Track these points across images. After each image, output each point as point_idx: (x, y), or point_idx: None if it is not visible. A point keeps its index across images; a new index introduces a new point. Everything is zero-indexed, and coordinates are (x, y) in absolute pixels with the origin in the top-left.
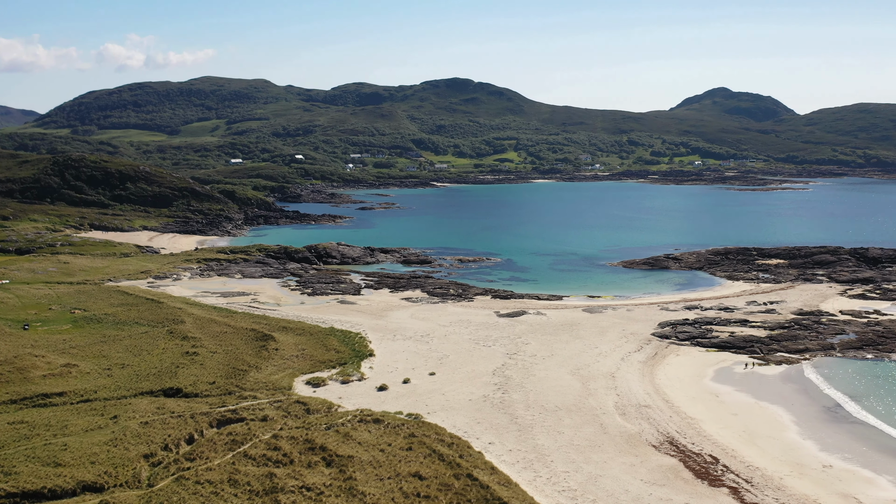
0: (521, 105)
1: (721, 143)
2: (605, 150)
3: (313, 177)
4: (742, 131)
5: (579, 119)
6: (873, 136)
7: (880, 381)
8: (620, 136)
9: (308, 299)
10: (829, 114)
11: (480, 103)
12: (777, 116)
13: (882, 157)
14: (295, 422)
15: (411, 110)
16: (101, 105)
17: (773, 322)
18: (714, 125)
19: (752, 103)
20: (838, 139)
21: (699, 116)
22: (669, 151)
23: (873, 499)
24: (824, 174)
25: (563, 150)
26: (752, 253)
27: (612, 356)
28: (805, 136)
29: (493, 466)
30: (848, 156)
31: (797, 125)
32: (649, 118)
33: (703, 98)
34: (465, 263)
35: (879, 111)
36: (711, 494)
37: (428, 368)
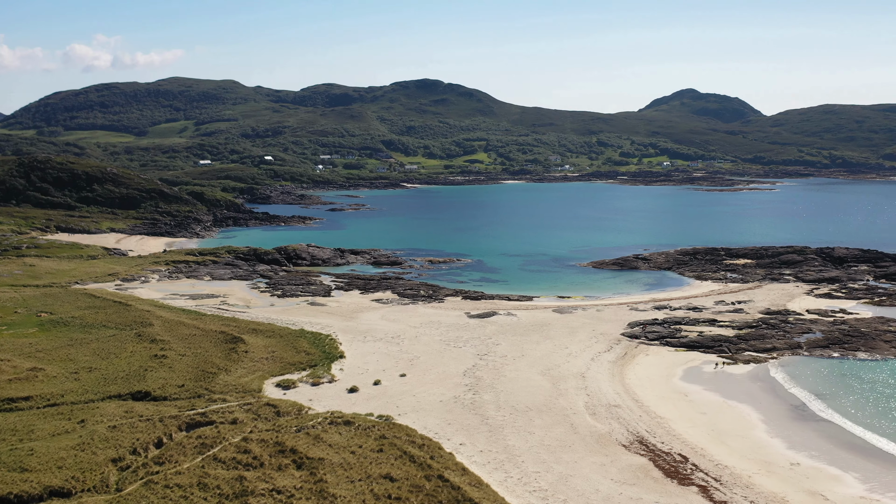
0: (491, 106)
1: (689, 144)
2: (574, 151)
3: (283, 178)
4: (710, 132)
5: (549, 120)
6: (838, 136)
7: (846, 380)
8: (590, 138)
9: (278, 301)
10: (795, 115)
11: (450, 104)
12: (744, 117)
13: (847, 158)
14: (265, 424)
15: (381, 111)
16: (68, 106)
17: (741, 321)
18: (682, 126)
19: (720, 104)
20: (804, 140)
21: (668, 118)
22: (638, 152)
23: (840, 496)
24: (791, 175)
25: (533, 151)
26: (721, 253)
27: (583, 356)
28: (772, 136)
29: (465, 467)
30: (814, 156)
31: (764, 126)
32: (618, 119)
33: (671, 99)
34: (435, 264)
35: (844, 112)
36: (681, 493)
37: (399, 370)
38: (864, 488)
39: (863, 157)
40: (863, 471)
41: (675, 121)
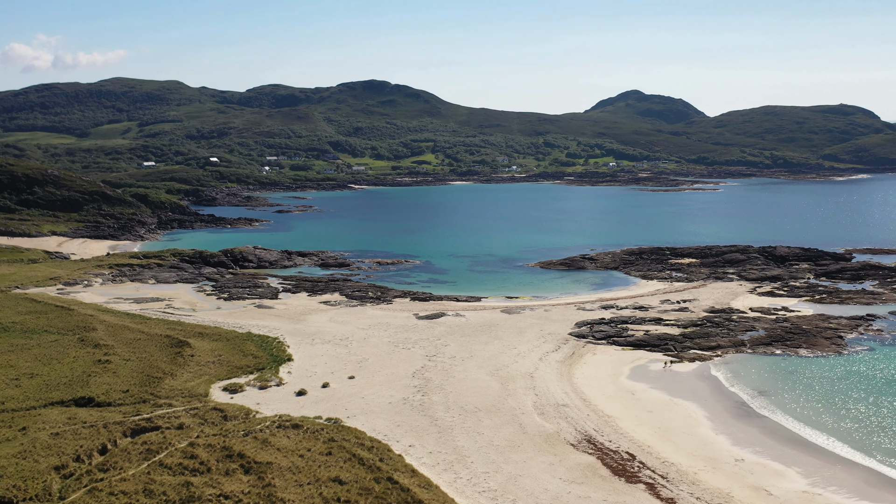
0: (439, 107)
1: (634, 145)
2: (521, 151)
3: (229, 179)
4: (655, 133)
5: (496, 121)
6: (779, 137)
7: (788, 377)
8: (537, 138)
9: (224, 304)
10: (737, 116)
11: (398, 105)
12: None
13: (788, 158)
14: (212, 429)
15: (328, 112)
16: (7, 107)
17: (686, 320)
18: (627, 127)
19: (664, 106)
20: (746, 141)
21: (613, 119)
22: (585, 153)
23: (783, 490)
24: (734, 175)
25: (481, 151)
26: (666, 252)
27: (531, 356)
28: (715, 137)
29: (414, 469)
30: (756, 157)
31: (707, 127)
32: (565, 120)
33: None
34: (383, 266)
35: (785, 113)
36: (629, 491)
37: (347, 372)
38: (807, 483)
39: (803, 158)
40: (805, 466)
41: (621, 122)
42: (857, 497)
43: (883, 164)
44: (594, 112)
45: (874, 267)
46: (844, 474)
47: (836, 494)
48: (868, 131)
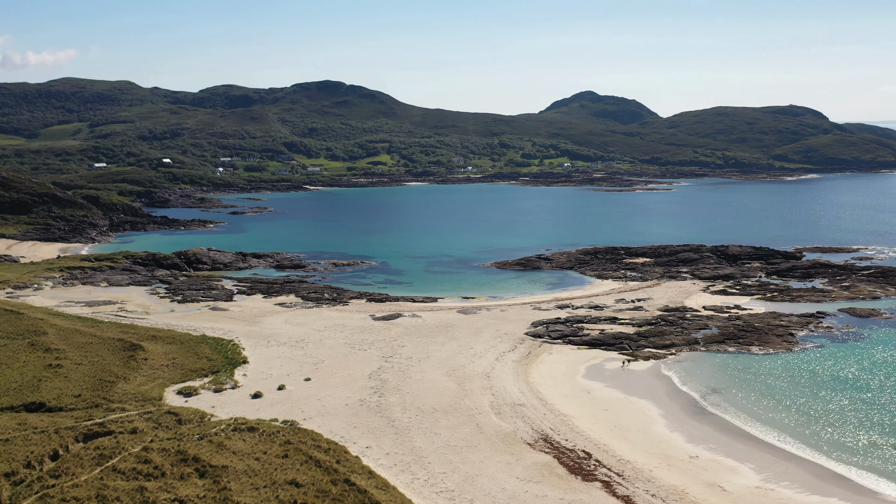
0: (394, 108)
1: (589, 146)
2: (477, 152)
3: (182, 181)
4: (609, 134)
5: (451, 122)
6: (731, 138)
7: (741, 374)
8: (492, 139)
9: (178, 307)
10: (689, 117)
11: (353, 106)
12: (641, 119)
13: (739, 159)
14: (166, 433)
15: (282, 113)
16: None
17: (640, 319)
18: (582, 128)
19: (618, 107)
20: (699, 141)
21: (568, 119)
22: (540, 153)
23: (736, 486)
24: (686, 175)
25: (436, 152)
26: (620, 252)
27: (487, 356)
28: (668, 138)
29: (371, 470)
30: (708, 157)
31: (660, 128)
32: (520, 121)
33: (571, 101)
34: (339, 267)
35: (736, 114)
36: (585, 489)
37: (303, 374)
38: (760, 478)
39: (754, 158)
40: (758, 461)
41: (575, 122)
42: (807, 491)
43: (831, 164)
44: (549, 113)
45: (824, 265)
46: (796, 469)
47: (788, 489)
48: (817, 132)
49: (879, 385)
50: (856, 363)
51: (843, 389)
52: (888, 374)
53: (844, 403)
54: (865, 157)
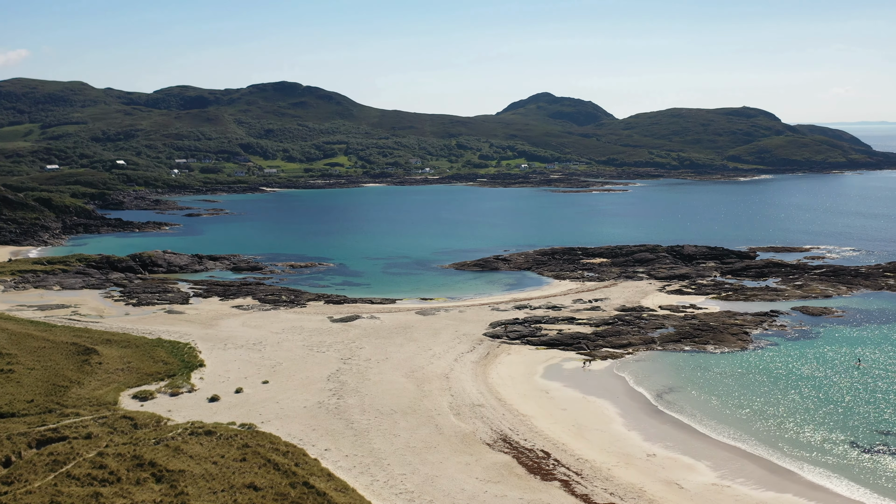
0: (351, 109)
1: (546, 147)
2: (434, 153)
3: (136, 183)
4: (565, 135)
5: (409, 123)
6: (686, 139)
7: (697, 372)
8: (449, 140)
9: (133, 310)
10: (645, 118)
11: (309, 107)
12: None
13: (694, 160)
14: (121, 438)
15: (238, 114)
16: None
17: (598, 319)
18: (539, 129)
19: (575, 108)
20: (654, 142)
21: (525, 121)
22: (497, 155)
23: (693, 483)
24: (642, 176)
25: (394, 154)
26: (578, 252)
27: (446, 357)
28: (624, 139)
29: (330, 473)
30: (663, 158)
31: (616, 129)
32: (477, 122)
33: (528, 103)
34: (297, 269)
35: (691, 116)
36: (544, 489)
37: (261, 377)
38: (716, 475)
39: (708, 159)
40: (714, 459)
41: (532, 124)
42: (762, 487)
43: (783, 165)
44: (506, 114)
45: (777, 265)
46: (751, 466)
47: (744, 486)
48: (770, 133)
49: (831, 382)
50: (809, 361)
51: (797, 387)
52: (840, 372)
53: (798, 400)
54: (817, 157)
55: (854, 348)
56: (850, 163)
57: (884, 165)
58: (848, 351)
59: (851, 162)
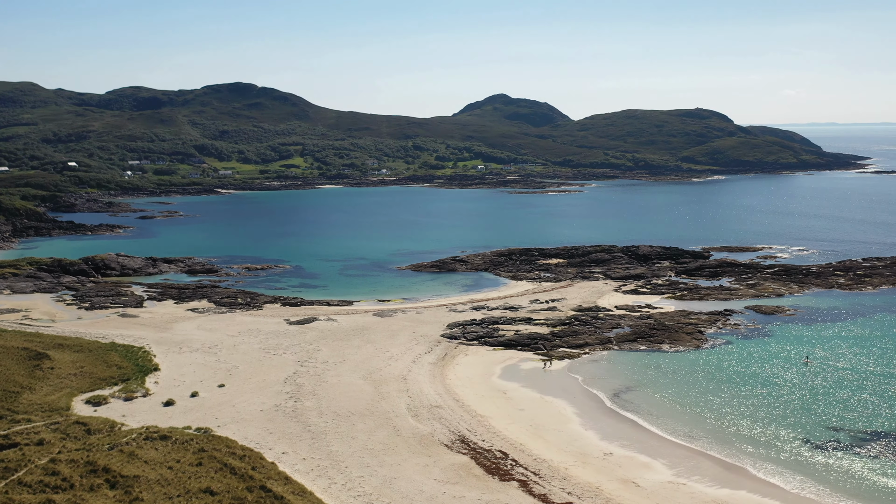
0: (307, 110)
1: (502, 148)
2: (391, 155)
3: (89, 185)
4: (521, 136)
5: (365, 124)
6: (640, 140)
7: (652, 371)
8: (406, 142)
9: (86, 314)
10: (600, 119)
11: (265, 108)
12: (553, 122)
13: (649, 161)
14: (74, 444)
15: (193, 115)
16: None
17: (554, 319)
18: (495, 130)
19: (531, 109)
20: (609, 143)
21: (481, 122)
22: (453, 156)
23: (650, 482)
24: (598, 177)
25: (350, 155)
26: (534, 253)
27: (404, 359)
28: (579, 140)
29: (288, 476)
30: (619, 159)
31: (572, 130)
32: (433, 124)
33: (484, 104)
34: (252, 271)
35: (645, 117)
36: (502, 489)
37: (217, 380)
38: (672, 473)
39: (663, 160)
40: (670, 457)
41: (489, 125)
42: (717, 484)
43: (736, 166)
44: (462, 115)
45: (730, 264)
46: (707, 463)
47: (699, 483)
48: (722, 134)
49: (784, 380)
50: (762, 359)
51: (751, 385)
52: (791, 370)
53: (752, 398)
54: (768, 158)
55: (805, 346)
56: (800, 163)
57: (833, 166)
58: (800, 349)
59: (802, 163)
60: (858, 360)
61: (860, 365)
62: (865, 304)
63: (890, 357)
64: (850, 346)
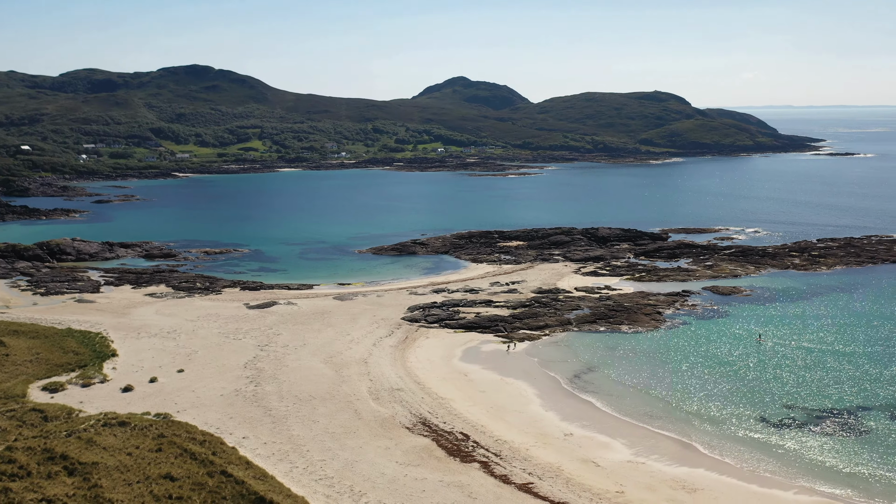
0: (265, 93)
1: (462, 131)
2: (350, 138)
3: (43, 169)
4: (481, 119)
5: (324, 107)
6: (599, 123)
7: (612, 352)
8: (365, 125)
9: (41, 299)
10: (559, 102)
11: (222, 91)
12: (513, 105)
13: (608, 143)
14: (31, 431)
15: (149, 98)
16: None
17: (515, 301)
18: (455, 113)
19: (490, 92)
20: (569, 126)
21: (440, 105)
22: (413, 139)
23: (609, 461)
24: (557, 159)
25: (309, 138)
26: (494, 236)
27: (364, 342)
28: (539, 123)
29: (248, 461)
30: (578, 142)
31: (531, 113)
32: (393, 106)
33: (443, 87)
34: (211, 255)
35: (604, 100)
36: (463, 470)
37: (176, 365)
38: (631, 453)
39: (622, 142)
40: (629, 437)
41: (448, 108)
42: (676, 463)
43: (694, 148)
44: (422, 98)
45: (688, 246)
46: (665, 442)
47: (658, 462)
48: (680, 117)
49: (739, 359)
50: (719, 339)
51: (708, 364)
52: (747, 349)
53: (709, 378)
54: (725, 141)
55: (762, 326)
56: (757, 146)
57: (789, 148)
58: (755, 329)
59: (758, 145)
60: (813, 339)
61: (815, 344)
62: (820, 284)
63: (843, 336)
64: (806, 325)
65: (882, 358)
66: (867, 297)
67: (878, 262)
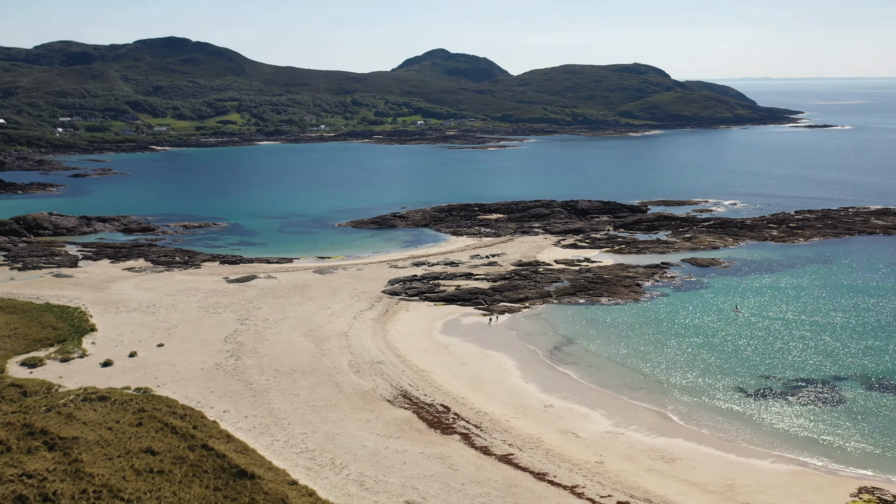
0: (243, 65)
1: (442, 104)
2: (329, 111)
3: (18, 143)
4: (461, 91)
5: (303, 80)
6: (579, 95)
7: (591, 324)
8: (344, 97)
9: (19, 274)
10: (539, 75)
11: (200, 63)
12: (493, 77)
13: (587, 116)
14: (10, 406)
15: (125, 71)
16: None
17: (495, 274)
18: (434, 86)
19: (470, 64)
20: (548, 99)
21: (420, 77)
22: (393, 112)
23: (588, 432)
24: (537, 132)
25: (288, 111)
26: (474, 208)
27: (345, 315)
28: (519, 95)
29: (230, 434)
30: (557, 114)
31: (511, 86)
32: (372, 79)
33: (423, 59)
34: (190, 229)
35: (584, 72)
36: (444, 442)
37: (156, 340)
38: (610, 423)
39: (601, 115)
40: (608, 407)
41: (428, 80)
42: (654, 433)
43: (673, 121)
44: (401, 71)
45: (667, 218)
46: (644, 413)
47: (637, 433)
48: (660, 89)
49: (717, 330)
50: (697, 311)
51: (687, 336)
52: (725, 320)
53: (688, 349)
54: (704, 113)
55: (740, 297)
56: (735, 118)
57: (767, 120)
58: (734, 300)
59: (737, 117)
60: (790, 310)
61: (792, 315)
62: (798, 256)
63: (820, 307)
64: (783, 296)
65: (858, 328)
66: (844, 269)
67: (854, 234)
